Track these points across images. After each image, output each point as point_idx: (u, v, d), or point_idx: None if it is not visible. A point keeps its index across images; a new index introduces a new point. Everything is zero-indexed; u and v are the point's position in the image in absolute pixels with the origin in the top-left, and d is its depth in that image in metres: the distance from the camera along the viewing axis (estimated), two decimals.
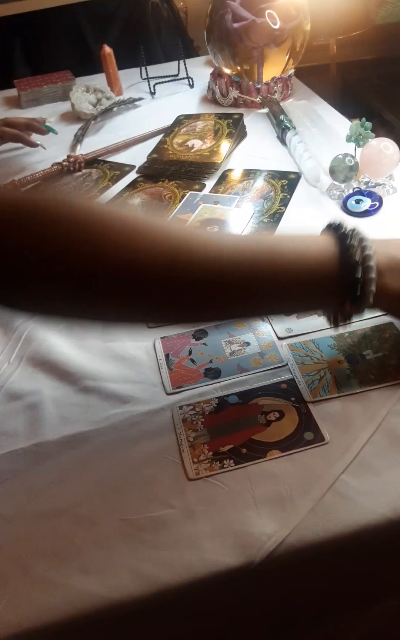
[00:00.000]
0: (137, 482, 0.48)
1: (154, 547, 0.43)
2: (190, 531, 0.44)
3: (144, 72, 1.29)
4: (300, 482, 0.46)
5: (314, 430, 0.50)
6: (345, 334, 0.59)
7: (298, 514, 0.44)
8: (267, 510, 0.45)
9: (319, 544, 0.43)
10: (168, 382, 0.56)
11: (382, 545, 0.46)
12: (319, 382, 0.54)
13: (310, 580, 0.47)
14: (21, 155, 1.06)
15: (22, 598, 0.41)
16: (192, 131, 1.03)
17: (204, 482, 0.47)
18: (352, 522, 0.43)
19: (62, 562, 0.43)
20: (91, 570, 0.42)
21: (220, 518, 0.45)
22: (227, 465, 0.48)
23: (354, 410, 0.51)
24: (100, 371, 0.58)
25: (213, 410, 0.53)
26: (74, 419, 0.53)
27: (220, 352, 0.59)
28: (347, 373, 0.55)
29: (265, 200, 0.84)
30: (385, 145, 0.79)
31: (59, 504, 0.47)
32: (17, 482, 0.49)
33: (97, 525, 0.45)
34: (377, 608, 0.50)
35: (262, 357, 0.58)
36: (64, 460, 0.50)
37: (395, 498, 0.44)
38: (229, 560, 0.42)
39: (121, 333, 0.62)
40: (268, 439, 0.50)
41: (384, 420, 0.50)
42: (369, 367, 0.55)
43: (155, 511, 0.46)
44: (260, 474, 0.47)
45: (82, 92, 1.18)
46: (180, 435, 0.51)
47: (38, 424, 0.53)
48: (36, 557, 0.44)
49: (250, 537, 0.43)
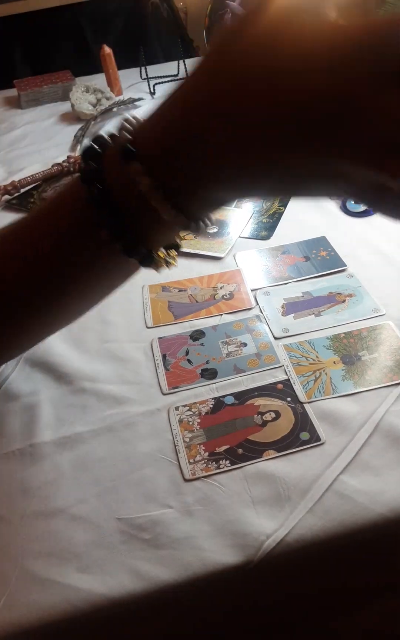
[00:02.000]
0: (133, 482, 0.48)
1: (153, 546, 0.44)
2: (188, 531, 0.44)
3: (143, 72, 1.29)
4: (298, 482, 0.46)
5: (310, 431, 0.50)
6: (341, 335, 0.59)
7: (296, 513, 0.44)
8: (265, 510, 0.45)
9: (317, 543, 0.43)
10: (164, 382, 0.56)
11: (381, 545, 0.46)
12: (314, 382, 0.54)
13: (308, 580, 0.47)
14: (21, 155, 1.06)
15: (20, 597, 0.41)
16: None
17: (200, 483, 0.47)
18: (350, 521, 0.43)
19: (60, 562, 0.43)
20: (89, 569, 0.43)
21: (218, 518, 0.45)
22: (223, 465, 0.48)
23: (349, 411, 0.51)
24: (97, 372, 0.58)
25: (209, 410, 0.53)
26: (70, 420, 0.54)
27: (217, 352, 0.59)
28: (342, 374, 0.55)
29: (265, 200, 0.84)
30: None
31: (55, 504, 0.47)
32: (14, 483, 0.49)
33: (95, 525, 0.45)
34: (376, 607, 0.51)
35: (259, 358, 0.58)
36: (60, 461, 0.50)
37: (394, 498, 0.44)
38: (227, 559, 0.42)
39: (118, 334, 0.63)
40: (264, 439, 0.50)
41: (382, 420, 0.50)
42: (365, 368, 0.55)
43: (152, 511, 0.46)
44: (257, 474, 0.47)
45: (82, 92, 1.18)
46: (177, 436, 0.51)
47: (34, 424, 0.53)
48: (34, 557, 0.44)
49: (249, 537, 0.43)
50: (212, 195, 0.32)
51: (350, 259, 0.70)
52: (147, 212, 0.32)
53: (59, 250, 0.36)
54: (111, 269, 0.38)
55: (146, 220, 0.33)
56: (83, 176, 0.33)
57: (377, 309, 0.62)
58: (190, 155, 0.29)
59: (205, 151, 0.29)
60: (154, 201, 0.31)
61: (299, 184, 0.30)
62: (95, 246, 0.35)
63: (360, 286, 0.65)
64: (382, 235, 0.74)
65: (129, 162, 0.31)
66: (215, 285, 0.69)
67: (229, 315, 0.64)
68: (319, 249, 0.72)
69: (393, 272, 0.67)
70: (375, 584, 0.50)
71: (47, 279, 0.37)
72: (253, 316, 0.63)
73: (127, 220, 0.33)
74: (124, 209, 0.32)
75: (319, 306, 0.63)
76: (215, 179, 0.30)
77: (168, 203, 0.31)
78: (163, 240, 0.37)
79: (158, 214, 0.32)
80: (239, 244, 0.76)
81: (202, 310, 0.65)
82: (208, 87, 0.28)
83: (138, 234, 0.34)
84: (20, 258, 0.37)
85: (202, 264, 0.73)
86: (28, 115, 1.23)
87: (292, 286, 0.67)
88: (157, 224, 0.33)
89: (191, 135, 0.29)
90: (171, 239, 0.38)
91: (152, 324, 0.64)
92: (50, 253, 0.36)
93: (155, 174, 0.30)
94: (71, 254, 0.36)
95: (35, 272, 0.37)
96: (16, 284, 0.38)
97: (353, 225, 0.76)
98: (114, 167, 0.32)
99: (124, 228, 0.33)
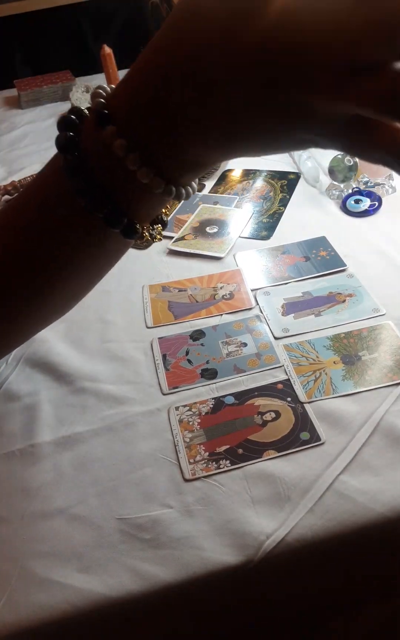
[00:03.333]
0: (133, 482, 0.48)
1: (153, 546, 0.44)
2: (188, 531, 0.44)
3: None
4: (298, 482, 0.46)
5: (310, 431, 0.50)
6: (341, 335, 0.59)
7: (296, 513, 0.44)
8: (265, 509, 0.45)
9: (318, 543, 0.43)
10: (164, 382, 0.56)
11: (381, 545, 0.46)
12: (314, 382, 0.54)
13: (309, 580, 0.47)
14: (21, 155, 1.06)
15: (20, 597, 0.41)
16: None
17: (201, 483, 0.47)
18: (351, 521, 0.43)
19: (60, 562, 0.43)
20: (89, 569, 0.43)
21: (218, 517, 0.45)
22: (224, 465, 0.48)
23: (349, 411, 0.51)
24: (97, 372, 0.58)
25: (209, 410, 0.53)
26: (70, 420, 0.54)
27: (217, 352, 0.59)
28: (342, 374, 0.55)
29: (265, 201, 0.84)
30: None
31: (55, 505, 0.47)
32: (14, 483, 0.49)
33: (95, 525, 0.45)
34: (377, 607, 0.50)
35: (259, 358, 0.58)
36: (60, 461, 0.50)
37: (394, 497, 0.44)
38: (227, 559, 0.42)
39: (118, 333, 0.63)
40: (264, 439, 0.50)
41: (382, 420, 0.50)
42: (365, 368, 0.55)
43: (152, 511, 0.46)
44: (257, 474, 0.47)
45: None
46: (177, 436, 0.51)
47: (34, 424, 0.54)
48: (34, 557, 0.44)
49: (249, 537, 0.43)
50: (189, 156, 0.31)
51: (350, 259, 0.70)
52: (125, 177, 0.31)
53: (41, 222, 0.35)
54: (97, 245, 0.37)
55: (125, 186, 0.32)
56: (60, 145, 0.33)
57: (377, 309, 0.62)
58: (161, 115, 0.29)
59: (175, 110, 0.29)
60: (130, 163, 0.30)
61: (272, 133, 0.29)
62: (76, 218, 0.34)
63: (360, 286, 0.65)
64: (382, 235, 0.74)
65: (103, 126, 0.30)
66: (215, 285, 0.69)
67: (229, 315, 0.64)
68: (319, 249, 0.72)
69: (393, 272, 0.67)
70: (375, 584, 0.50)
71: (30, 253, 0.36)
72: (253, 316, 0.63)
73: (106, 188, 0.32)
74: (101, 176, 0.32)
75: (319, 306, 0.63)
76: (189, 138, 0.30)
77: (144, 165, 0.31)
78: (147, 210, 0.36)
79: (136, 177, 0.31)
80: (239, 244, 0.76)
81: (202, 310, 0.65)
82: (172, 47, 0.28)
83: (118, 203, 0.33)
84: (7, 228, 0.36)
85: (202, 264, 0.73)
86: (28, 115, 1.23)
87: (292, 286, 0.67)
88: (138, 190, 0.32)
89: (159, 95, 0.29)
90: (156, 210, 0.37)
91: (152, 323, 0.64)
92: (32, 225, 0.36)
93: (129, 135, 0.30)
94: (53, 227, 0.35)
95: (19, 245, 0.36)
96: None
97: (353, 225, 0.76)
98: (90, 134, 0.32)
99: (102, 196, 0.32)
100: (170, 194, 0.33)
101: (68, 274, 0.38)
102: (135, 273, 0.73)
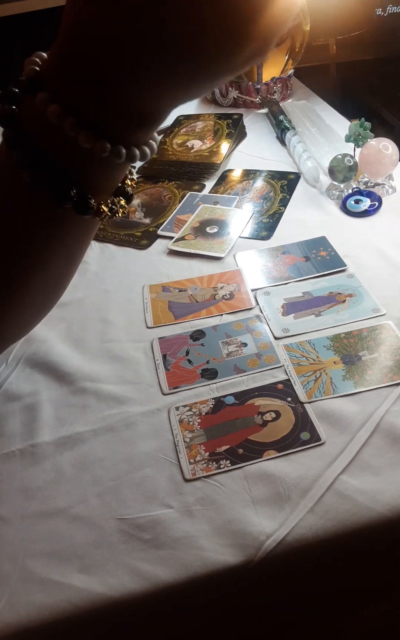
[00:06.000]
0: (134, 482, 0.48)
1: (153, 546, 0.44)
2: (189, 530, 0.44)
3: None
4: (298, 482, 0.46)
5: (311, 431, 0.50)
6: (341, 335, 0.59)
7: (297, 513, 0.44)
8: (265, 509, 0.45)
9: (318, 543, 0.43)
10: (164, 382, 0.56)
11: (381, 545, 0.46)
12: (314, 382, 0.54)
13: (309, 579, 0.47)
14: None
15: (20, 597, 0.41)
16: (191, 131, 1.03)
17: (201, 483, 0.47)
18: (351, 521, 0.43)
19: (60, 562, 0.43)
20: (90, 569, 0.43)
21: (218, 517, 0.45)
22: (224, 465, 0.48)
23: (350, 411, 0.51)
24: (98, 372, 0.58)
25: (209, 411, 0.53)
26: (70, 420, 0.54)
27: (218, 352, 0.59)
28: (342, 374, 0.55)
29: (265, 201, 0.84)
30: (385, 145, 0.79)
31: (56, 505, 0.47)
32: (14, 483, 0.49)
33: (95, 525, 0.45)
34: (377, 607, 0.50)
35: (259, 358, 0.58)
36: (60, 461, 0.50)
37: (394, 497, 0.44)
38: (228, 559, 0.42)
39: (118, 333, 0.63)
40: (264, 439, 0.50)
41: (382, 420, 0.50)
42: (365, 368, 0.55)
43: (153, 511, 0.46)
44: (257, 474, 0.47)
45: None
46: (177, 436, 0.51)
47: (34, 424, 0.54)
48: (34, 557, 0.44)
49: (249, 537, 0.43)
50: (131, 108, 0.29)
51: (350, 259, 0.70)
52: (68, 146, 0.29)
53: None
54: (55, 226, 0.34)
55: (70, 156, 0.30)
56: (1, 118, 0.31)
57: (377, 309, 0.62)
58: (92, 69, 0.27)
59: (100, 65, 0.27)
60: (67, 129, 0.29)
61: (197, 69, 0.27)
62: (25, 195, 0.32)
63: (360, 286, 0.65)
64: (382, 235, 0.74)
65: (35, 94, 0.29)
66: (215, 285, 0.69)
67: (229, 315, 0.64)
68: (319, 249, 0.72)
69: (393, 272, 0.67)
70: (375, 584, 0.50)
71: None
72: (253, 316, 0.63)
73: (53, 161, 0.30)
74: (48, 148, 0.30)
75: (319, 306, 0.63)
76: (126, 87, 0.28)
77: (83, 129, 0.29)
78: (102, 181, 0.33)
79: (77, 143, 0.29)
80: (239, 244, 0.76)
81: (203, 310, 0.65)
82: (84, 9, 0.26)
83: (64, 174, 0.31)
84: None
85: (202, 264, 0.73)
86: None
87: (292, 286, 0.67)
88: (85, 159, 0.30)
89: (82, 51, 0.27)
90: (113, 180, 0.34)
91: (153, 324, 0.64)
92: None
93: (63, 100, 0.28)
94: (4, 206, 0.33)
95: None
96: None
97: (353, 225, 0.77)
98: (30, 104, 0.30)
99: (47, 170, 0.30)
100: (120, 156, 0.30)
101: (36, 261, 0.36)
102: (136, 273, 0.73)
